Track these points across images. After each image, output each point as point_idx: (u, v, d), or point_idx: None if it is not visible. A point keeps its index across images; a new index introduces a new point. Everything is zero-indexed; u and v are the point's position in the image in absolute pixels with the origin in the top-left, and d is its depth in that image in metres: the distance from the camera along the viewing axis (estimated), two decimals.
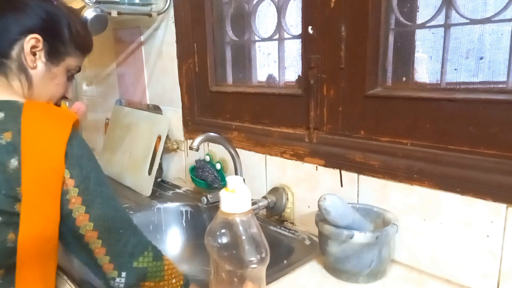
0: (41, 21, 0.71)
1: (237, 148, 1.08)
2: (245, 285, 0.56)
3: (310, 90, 0.93)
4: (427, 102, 0.76)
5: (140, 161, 1.36)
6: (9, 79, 0.71)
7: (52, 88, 0.77)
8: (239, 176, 0.68)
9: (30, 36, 0.70)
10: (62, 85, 0.78)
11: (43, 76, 0.74)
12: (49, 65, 0.74)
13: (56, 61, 0.75)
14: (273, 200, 1.02)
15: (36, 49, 0.71)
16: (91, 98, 1.87)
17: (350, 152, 0.87)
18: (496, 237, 0.69)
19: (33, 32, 0.70)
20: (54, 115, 0.66)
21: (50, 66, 0.74)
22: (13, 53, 0.70)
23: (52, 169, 0.62)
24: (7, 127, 0.62)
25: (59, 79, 0.77)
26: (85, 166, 0.66)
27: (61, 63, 0.76)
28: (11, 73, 0.71)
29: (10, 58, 0.70)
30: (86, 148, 0.68)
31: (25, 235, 0.62)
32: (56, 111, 0.68)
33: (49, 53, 0.73)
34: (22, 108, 0.64)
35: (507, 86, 0.70)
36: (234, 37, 1.18)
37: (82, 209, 0.64)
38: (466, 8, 0.73)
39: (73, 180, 0.64)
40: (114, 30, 1.57)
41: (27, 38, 0.70)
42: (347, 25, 0.84)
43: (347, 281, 0.77)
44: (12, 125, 0.62)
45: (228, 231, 0.55)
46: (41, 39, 0.71)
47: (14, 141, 0.61)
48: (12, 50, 0.70)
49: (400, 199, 0.81)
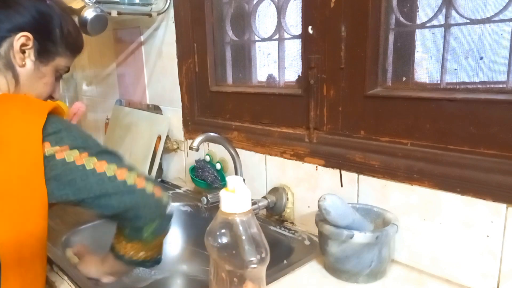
0: (33, 20, 0.71)
1: (237, 148, 1.08)
2: (245, 285, 0.56)
3: (310, 90, 0.93)
4: (427, 102, 0.76)
5: (140, 161, 1.36)
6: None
7: (40, 87, 0.76)
8: (239, 176, 0.68)
9: (20, 34, 0.70)
10: (49, 85, 0.78)
11: (31, 74, 0.74)
12: (38, 64, 0.74)
13: (46, 60, 0.75)
14: (273, 200, 1.02)
15: (26, 47, 0.71)
16: (91, 98, 1.87)
17: (350, 152, 0.87)
18: (496, 237, 0.69)
19: (24, 30, 0.70)
20: (30, 105, 0.66)
21: (39, 65, 0.74)
22: (1, 50, 0.70)
23: (30, 159, 0.61)
24: None
25: (47, 78, 0.77)
26: (74, 133, 0.66)
27: (50, 63, 0.76)
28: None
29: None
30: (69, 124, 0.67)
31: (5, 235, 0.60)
32: (32, 101, 0.67)
33: (39, 52, 0.73)
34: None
35: (507, 86, 0.70)
36: (234, 37, 1.18)
37: (93, 159, 0.65)
38: (466, 8, 0.73)
39: (67, 146, 0.64)
40: (114, 30, 1.57)
41: (17, 35, 0.69)
42: (347, 25, 0.84)
43: (347, 281, 0.77)
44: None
45: (228, 231, 0.55)
46: (31, 38, 0.71)
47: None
48: (0, 47, 0.70)
49: (400, 199, 0.81)
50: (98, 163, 0.66)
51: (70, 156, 0.64)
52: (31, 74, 0.74)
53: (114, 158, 0.70)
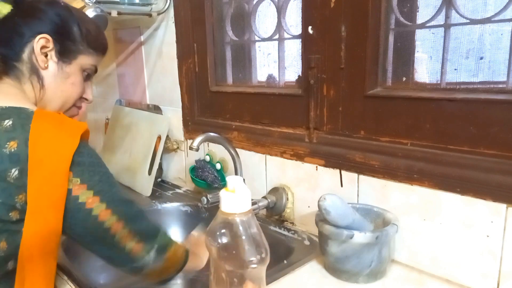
0: (50, 22, 0.72)
1: (237, 148, 1.08)
2: (245, 285, 0.56)
3: (310, 90, 0.93)
4: (427, 102, 0.76)
5: (140, 161, 1.36)
6: (22, 82, 0.71)
7: (67, 88, 0.76)
8: (239, 176, 0.68)
9: (39, 36, 0.70)
10: (78, 85, 0.78)
11: (56, 76, 0.74)
12: (61, 64, 0.74)
13: (68, 59, 0.75)
14: (273, 200, 1.02)
15: (47, 49, 0.72)
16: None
17: (350, 152, 0.87)
18: (496, 237, 0.69)
19: (42, 32, 0.71)
20: (63, 125, 0.66)
21: (62, 65, 0.74)
22: (24, 56, 0.71)
23: (58, 180, 0.62)
24: (14, 135, 0.61)
25: (74, 78, 0.77)
26: (97, 172, 0.66)
27: (73, 62, 0.76)
28: (23, 77, 0.71)
29: (21, 61, 0.71)
30: (96, 157, 0.68)
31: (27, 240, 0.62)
32: (66, 120, 0.67)
33: (60, 52, 0.74)
34: (32, 116, 0.64)
35: (507, 86, 0.70)
36: (234, 37, 1.18)
37: (103, 206, 0.66)
38: (466, 8, 0.73)
39: (85, 185, 0.64)
40: (114, 30, 1.57)
41: (36, 38, 0.70)
42: (347, 25, 0.84)
43: (347, 281, 0.77)
44: (19, 133, 0.61)
45: (228, 231, 0.55)
46: (50, 39, 0.71)
47: (19, 151, 0.60)
48: (23, 53, 0.71)
49: (400, 199, 0.81)
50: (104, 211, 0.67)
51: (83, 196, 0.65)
52: (56, 76, 0.74)
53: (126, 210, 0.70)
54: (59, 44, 0.73)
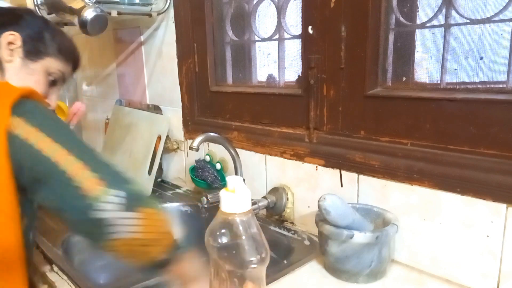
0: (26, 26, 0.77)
1: (237, 148, 1.08)
2: (245, 285, 0.56)
3: (310, 90, 0.93)
4: (427, 102, 0.76)
5: (140, 161, 1.36)
6: None
7: (30, 84, 0.76)
8: (239, 176, 0.68)
9: (8, 32, 0.74)
10: (41, 85, 0.79)
11: (20, 70, 0.76)
12: (26, 61, 0.77)
13: (34, 58, 0.77)
14: (273, 200, 1.02)
15: (13, 46, 0.75)
16: (91, 98, 1.87)
17: (350, 152, 0.87)
18: (496, 237, 0.69)
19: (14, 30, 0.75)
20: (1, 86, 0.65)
21: (27, 62, 0.77)
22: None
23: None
24: None
25: (37, 77, 0.78)
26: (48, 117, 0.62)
27: (39, 61, 0.78)
28: None
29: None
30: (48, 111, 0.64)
31: None
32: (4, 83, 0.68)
33: (28, 51, 0.76)
34: None
35: (507, 86, 0.70)
36: (234, 37, 1.18)
37: (47, 139, 0.58)
38: (466, 8, 0.73)
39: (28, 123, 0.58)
40: (114, 30, 1.57)
41: (6, 33, 0.74)
42: (347, 25, 0.84)
43: (347, 281, 0.77)
44: None
45: (228, 231, 0.55)
46: (19, 37, 0.75)
47: None
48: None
49: (400, 199, 0.81)
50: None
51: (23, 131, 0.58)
52: (20, 70, 0.76)
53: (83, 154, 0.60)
54: (28, 45, 0.76)
